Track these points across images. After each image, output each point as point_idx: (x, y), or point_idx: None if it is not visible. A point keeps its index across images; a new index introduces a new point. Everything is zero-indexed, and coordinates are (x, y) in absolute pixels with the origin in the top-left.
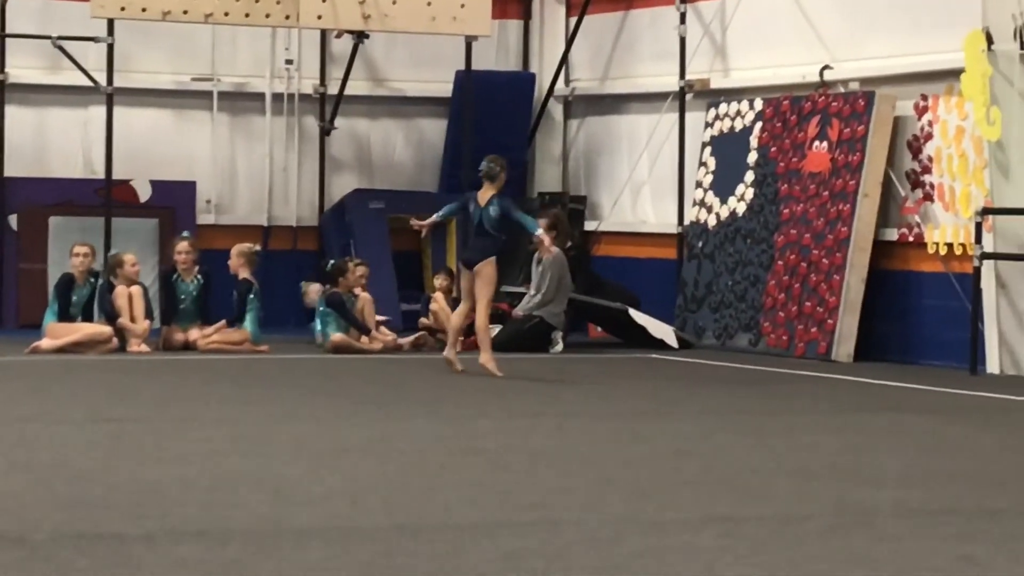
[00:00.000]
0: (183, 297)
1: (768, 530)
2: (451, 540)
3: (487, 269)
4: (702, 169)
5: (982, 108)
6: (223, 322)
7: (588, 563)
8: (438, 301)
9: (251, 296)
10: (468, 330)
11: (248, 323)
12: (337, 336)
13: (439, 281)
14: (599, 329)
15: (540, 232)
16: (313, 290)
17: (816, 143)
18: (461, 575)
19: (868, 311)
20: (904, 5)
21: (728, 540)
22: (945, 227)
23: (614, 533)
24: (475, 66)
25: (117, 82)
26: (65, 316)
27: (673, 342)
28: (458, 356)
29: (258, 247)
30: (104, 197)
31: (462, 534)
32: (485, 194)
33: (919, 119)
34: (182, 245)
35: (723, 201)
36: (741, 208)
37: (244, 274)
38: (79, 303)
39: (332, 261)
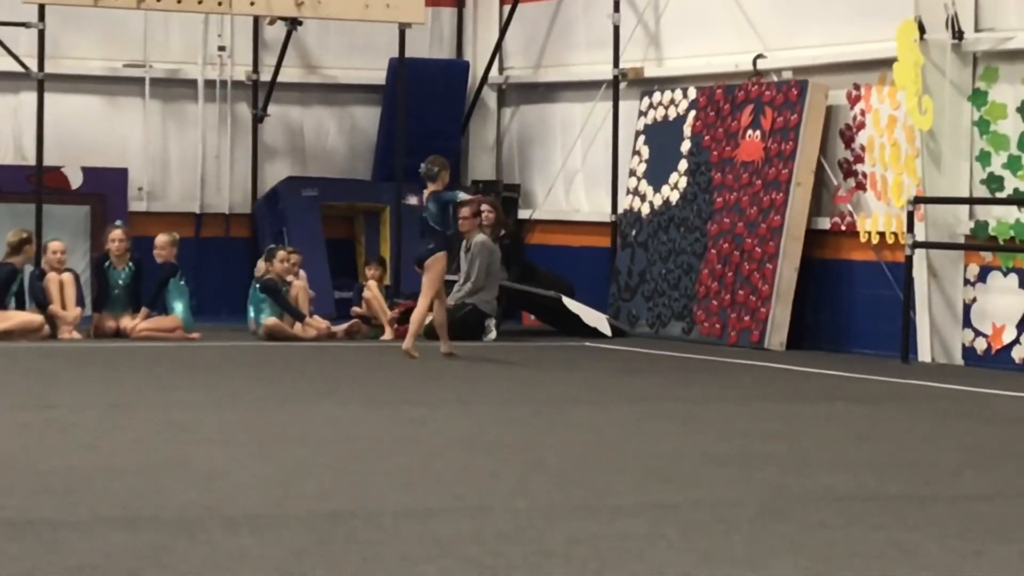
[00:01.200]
0: (115, 285)
1: (700, 517)
2: (383, 527)
3: (435, 266)
4: (636, 158)
5: (914, 97)
6: (144, 311)
7: (520, 549)
8: (371, 289)
9: (177, 280)
10: (400, 319)
11: (180, 310)
12: (271, 320)
13: (371, 271)
14: (533, 317)
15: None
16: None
17: (749, 132)
18: (393, 561)
19: (801, 300)
20: None
21: (660, 527)
22: (877, 216)
23: (546, 520)
24: (409, 53)
25: (48, 68)
26: (1, 305)
27: (606, 330)
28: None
29: (176, 234)
30: (35, 184)
31: (394, 521)
32: (427, 194)
33: (852, 108)
34: (116, 233)
35: (657, 190)
36: (675, 197)
37: (170, 259)
38: (14, 291)
39: (271, 246)
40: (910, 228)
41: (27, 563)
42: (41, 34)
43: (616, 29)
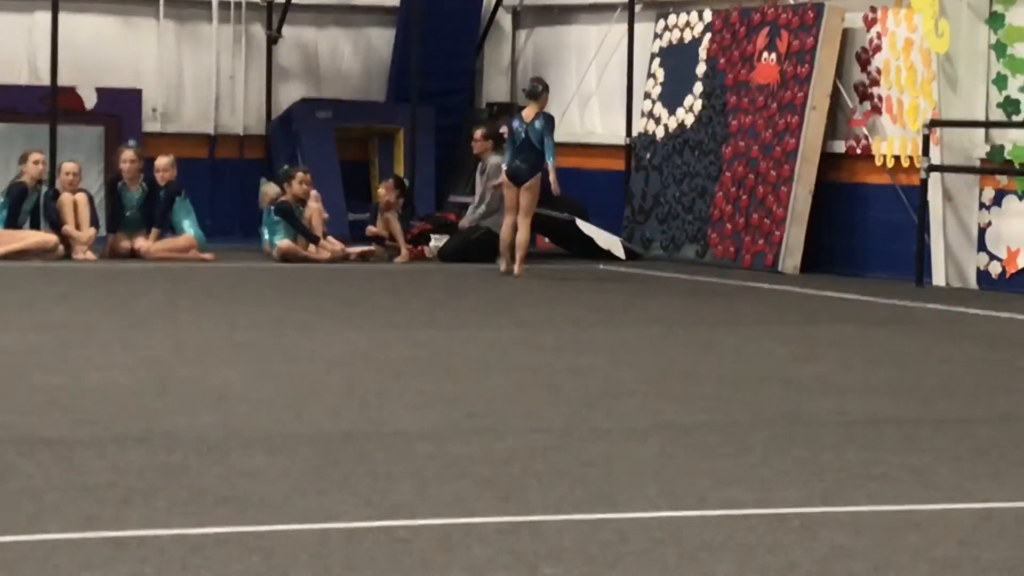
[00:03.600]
0: (129, 206)
1: (714, 438)
2: (396, 447)
3: (535, 184)
4: (651, 80)
5: (931, 20)
6: (155, 232)
7: (534, 471)
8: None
9: (182, 199)
10: (415, 240)
11: (191, 229)
12: (285, 243)
13: (383, 191)
14: (547, 240)
15: (552, 162)
16: (271, 190)
17: (765, 55)
18: (407, 482)
19: (815, 223)
20: None
21: (674, 448)
22: (892, 139)
23: (560, 441)
24: None
25: None
26: (13, 224)
27: (620, 253)
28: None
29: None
30: (49, 104)
31: (408, 441)
32: (530, 112)
33: (868, 31)
34: (127, 154)
35: (671, 112)
36: (689, 120)
37: (171, 179)
38: (28, 211)
39: (286, 167)
40: (925, 152)
41: (41, 480)
42: None
43: None
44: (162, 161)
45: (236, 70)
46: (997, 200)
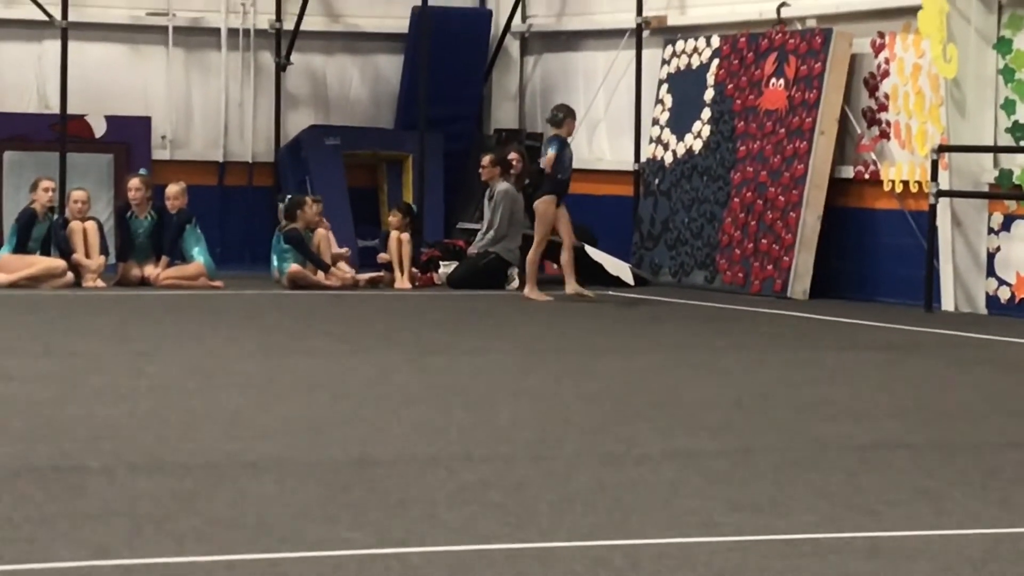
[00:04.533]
0: (137, 234)
1: (725, 464)
2: (407, 473)
3: (540, 207)
4: (659, 106)
5: (939, 45)
6: (164, 260)
7: (545, 496)
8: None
9: (192, 227)
10: (424, 267)
11: (201, 256)
12: (294, 267)
13: (393, 218)
14: (555, 266)
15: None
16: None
17: (773, 80)
18: (417, 508)
19: (824, 248)
20: None
21: (685, 473)
22: (901, 165)
23: (570, 467)
24: (432, 2)
25: (72, 16)
26: (23, 251)
27: (629, 279)
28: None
29: (183, 183)
30: (59, 132)
31: (418, 467)
32: (550, 138)
33: (876, 56)
34: (134, 182)
35: (680, 138)
36: (698, 145)
37: (182, 207)
38: (38, 238)
39: (289, 196)
40: (934, 177)
41: (53, 508)
42: None
43: None
44: (173, 189)
45: (245, 97)
46: (1006, 225)
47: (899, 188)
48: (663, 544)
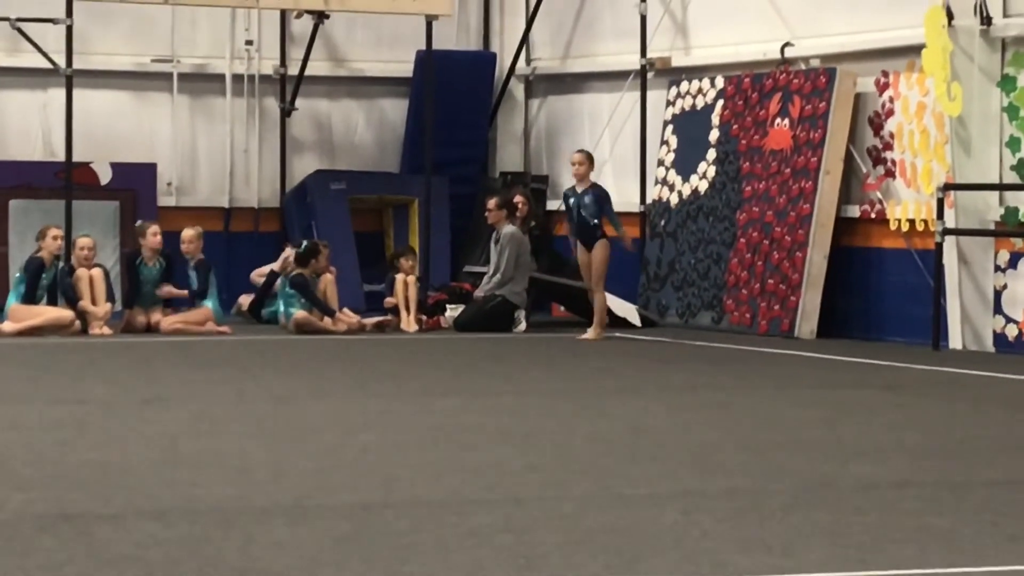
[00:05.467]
0: (147, 281)
1: (733, 505)
2: (418, 517)
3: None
4: (664, 147)
5: (943, 84)
6: (186, 292)
7: (555, 538)
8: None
9: (211, 275)
10: (431, 310)
11: (210, 301)
12: (301, 314)
13: (406, 262)
14: (562, 308)
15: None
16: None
17: (778, 120)
18: (428, 551)
19: (831, 288)
20: None
21: (694, 515)
22: (907, 203)
23: (579, 509)
24: (436, 46)
25: (76, 64)
26: (31, 299)
27: (636, 320)
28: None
29: (199, 228)
30: (64, 180)
31: (428, 511)
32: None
33: (880, 95)
34: (156, 228)
35: (685, 179)
36: (703, 186)
37: (200, 255)
38: (45, 286)
39: (306, 242)
40: (940, 215)
41: (62, 555)
42: (69, 30)
43: (643, 18)
44: (189, 233)
45: (250, 143)
46: (1013, 262)
47: (905, 227)
48: None
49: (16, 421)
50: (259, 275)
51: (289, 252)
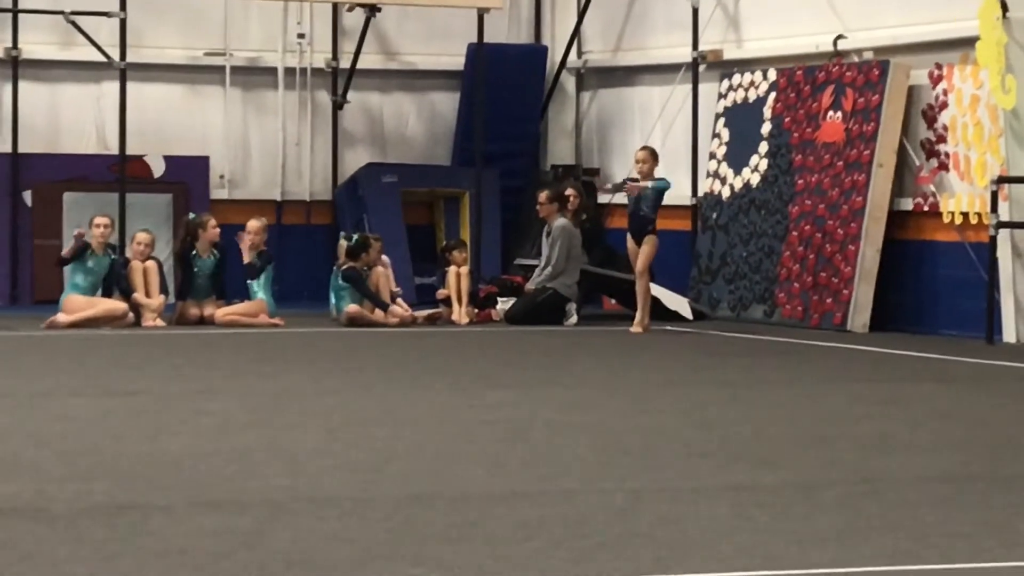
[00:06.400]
0: (200, 273)
1: (786, 498)
2: (468, 509)
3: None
4: (716, 140)
5: (997, 76)
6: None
7: (606, 531)
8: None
9: (270, 268)
10: (482, 303)
11: (263, 293)
12: (352, 308)
13: (459, 255)
14: (613, 301)
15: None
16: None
17: (830, 113)
18: (479, 544)
19: (883, 281)
20: None
21: (746, 509)
22: (960, 196)
23: (631, 502)
24: (487, 39)
25: (130, 57)
26: (81, 281)
27: (688, 313)
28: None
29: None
30: (118, 173)
31: (479, 503)
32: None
33: (934, 88)
34: (214, 220)
35: (737, 172)
36: (755, 179)
37: (262, 247)
38: (97, 272)
39: (356, 235)
40: (994, 208)
41: (115, 547)
42: (123, 23)
43: (695, 11)
44: (255, 224)
45: (302, 136)
46: None
47: (959, 220)
48: None
49: (70, 412)
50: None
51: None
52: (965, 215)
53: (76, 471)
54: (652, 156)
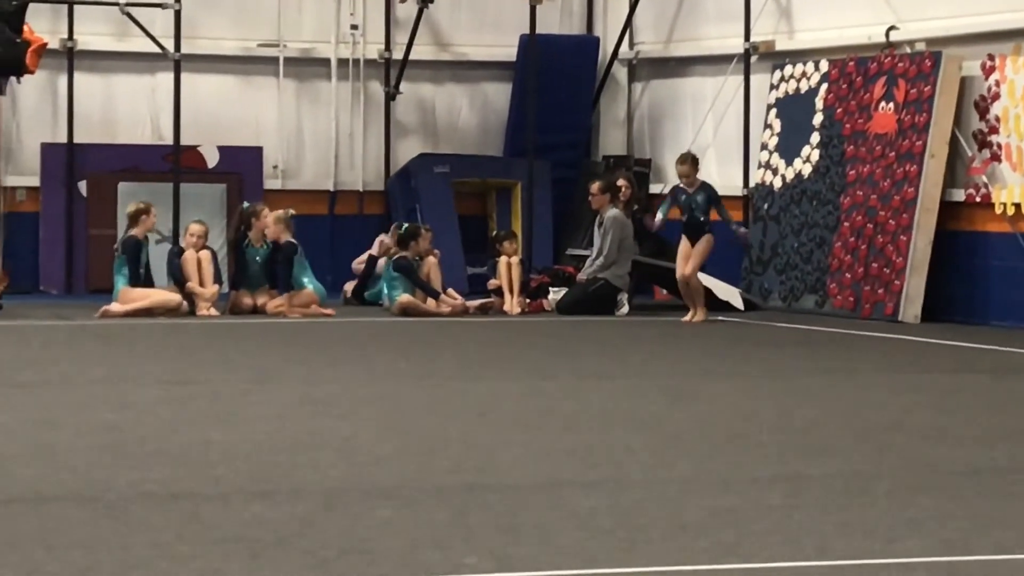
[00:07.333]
0: (253, 262)
1: (837, 488)
2: (520, 499)
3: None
4: (767, 131)
5: None
6: (288, 296)
7: (657, 521)
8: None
9: (298, 257)
10: (534, 293)
11: (310, 283)
12: (405, 297)
13: (509, 245)
14: (664, 291)
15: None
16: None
17: (882, 104)
18: (529, 533)
19: (935, 272)
20: None
21: (797, 498)
22: (1013, 187)
23: (682, 492)
24: (539, 30)
25: (184, 48)
26: (136, 279)
27: (739, 304)
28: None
29: (292, 211)
30: (172, 163)
31: (531, 493)
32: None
33: (986, 79)
34: (267, 211)
35: (789, 163)
36: (807, 170)
37: (286, 238)
38: (145, 263)
39: (406, 225)
40: None
41: (171, 534)
42: (177, 15)
43: (747, 2)
44: (270, 218)
45: (355, 127)
46: None
47: (1011, 211)
48: (777, 568)
49: (125, 401)
50: (359, 263)
51: (383, 237)
52: (1017, 206)
53: (132, 459)
54: (693, 164)
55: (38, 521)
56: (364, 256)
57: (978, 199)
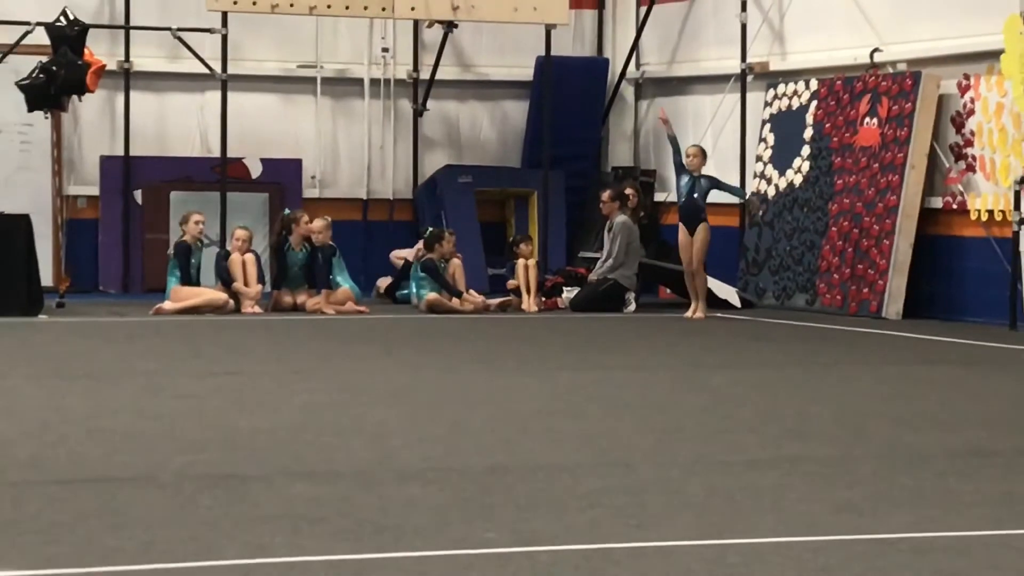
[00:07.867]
0: (293, 264)
1: (827, 470)
2: (538, 480)
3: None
4: (762, 144)
5: (1020, 86)
6: (325, 293)
7: (663, 500)
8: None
9: (336, 259)
10: (549, 292)
11: (346, 282)
12: (432, 295)
13: (525, 247)
14: (668, 291)
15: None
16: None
17: (867, 119)
18: (546, 511)
19: (916, 273)
20: None
21: (790, 479)
22: (986, 195)
23: (685, 474)
24: (554, 52)
25: (230, 69)
26: (187, 279)
27: (736, 302)
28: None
29: (329, 218)
30: (219, 174)
31: (547, 474)
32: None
33: (962, 96)
34: (307, 217)
35: (781, 173)
36: (798, 179)
37: (328, 241)
38: (195, 266)
39: (430, 229)
40: (1017, 206)
41: (218, 512)
42: (224, 39)
43: (743, 27)
44: (319, 224)
45: (386, 141)
46: None
47: (984, 217)
48: (772, 543)
49: (177, 391)
50: (397, 257)
51: (420, 245)
52: (990, 212)
53: (182, 443)
54: (702, 153)
55: (100, 500)
56: (403, 252)
57: (955, 206)
